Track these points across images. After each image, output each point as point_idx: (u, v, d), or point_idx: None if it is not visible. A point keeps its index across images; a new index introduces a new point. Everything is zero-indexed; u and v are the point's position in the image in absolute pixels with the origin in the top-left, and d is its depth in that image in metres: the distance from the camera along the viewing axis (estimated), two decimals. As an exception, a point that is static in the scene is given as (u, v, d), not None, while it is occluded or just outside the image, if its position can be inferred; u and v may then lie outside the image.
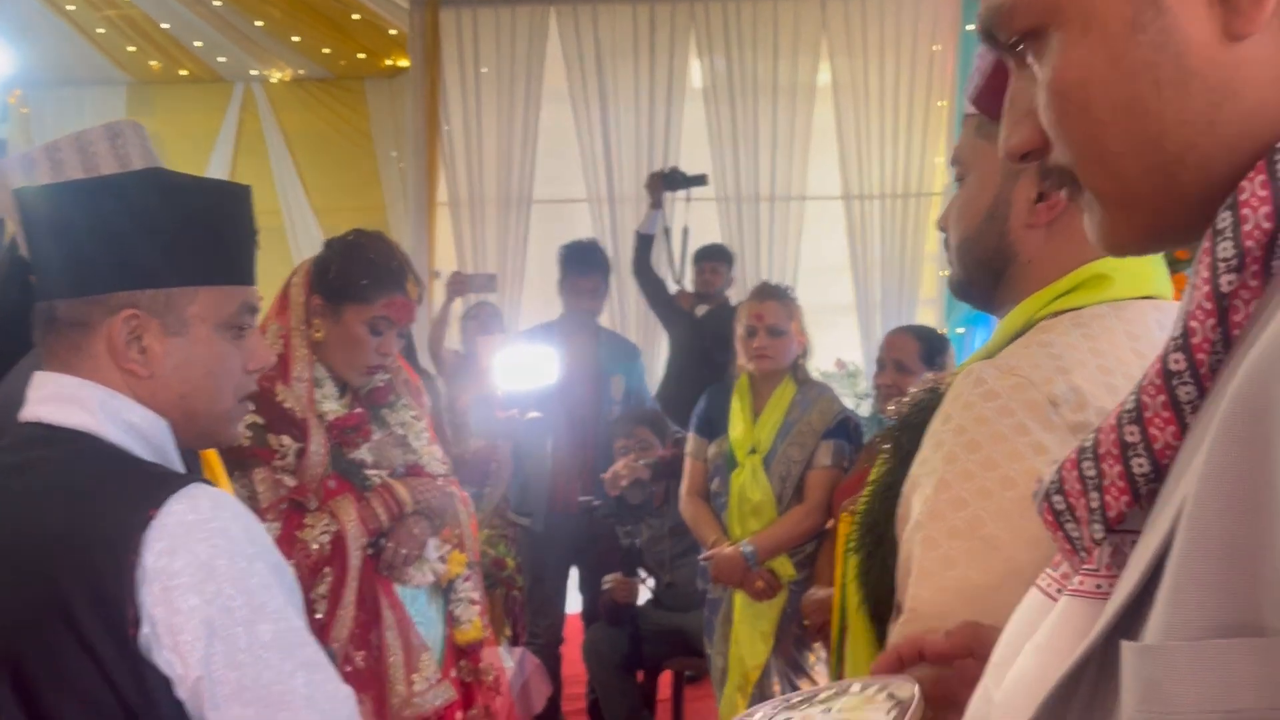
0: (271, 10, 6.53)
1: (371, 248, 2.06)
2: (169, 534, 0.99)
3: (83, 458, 1.07)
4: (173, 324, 1.11)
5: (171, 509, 1.01)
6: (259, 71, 7.16)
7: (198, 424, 1.16)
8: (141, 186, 1.13)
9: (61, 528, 1.02)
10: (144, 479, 1.06)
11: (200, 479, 1.09)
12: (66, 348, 1.10)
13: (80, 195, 1.12)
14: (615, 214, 5.85)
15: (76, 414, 1.08)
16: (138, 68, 7.17)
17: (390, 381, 2.15)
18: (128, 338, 1.09)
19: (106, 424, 1.08)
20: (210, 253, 1.14)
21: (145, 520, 1.00)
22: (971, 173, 1.07)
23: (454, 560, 2.09)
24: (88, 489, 1.04)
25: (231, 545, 1.02)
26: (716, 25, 5.79)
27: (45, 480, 1.07)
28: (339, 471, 1.97)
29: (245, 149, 7.11)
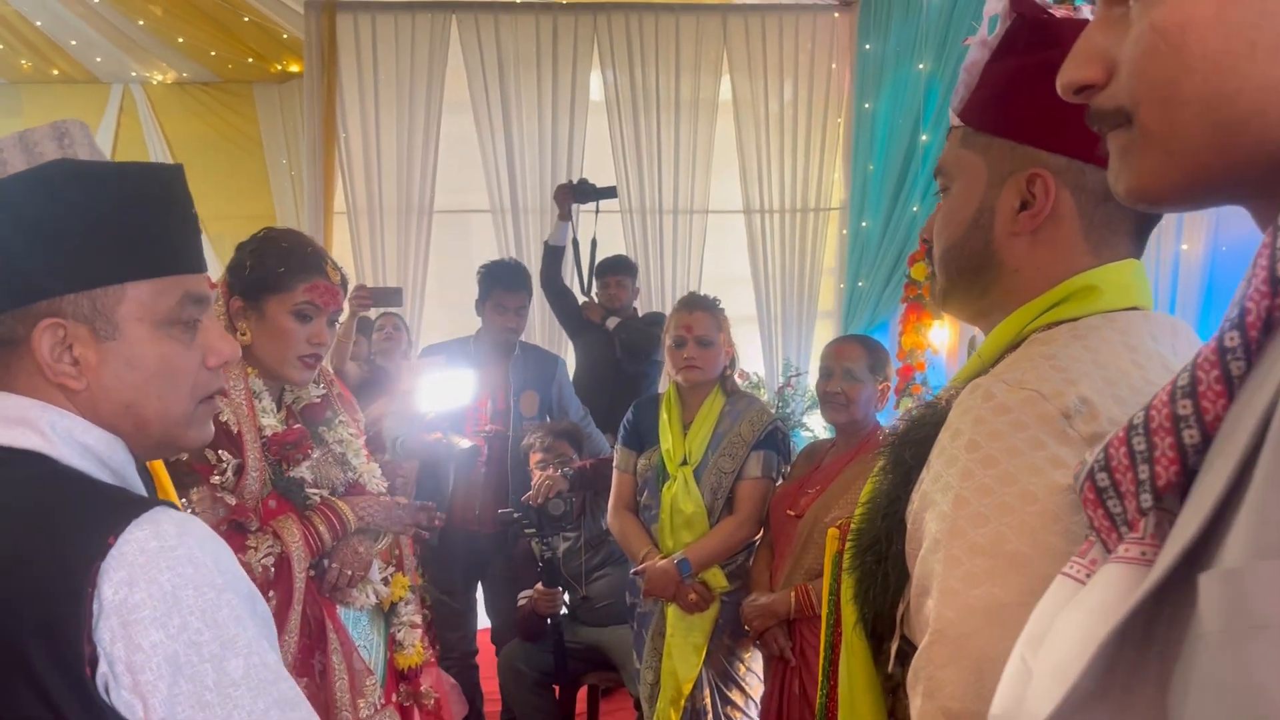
0: (154, 10, 6.26)
1: (284, 238, 2.02)
2: (129, 563, 0.91)
3: (36, 481, 0.98)
4: (104, 328, 1.02)
5: (132, 536, 0.92)
6: (139, 73, 6.85)
7: (152, 433, 1.07)
8: (47, 182, 1.02)
9: (11, 557, 0.93)
10: (102, 503, 0.97)
11: (164, 502, 1.00)
12: (2, 369, 1.02)
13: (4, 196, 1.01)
14: (519, 225, 5.80)
15: (27, 435, 1.00)
16: (6, 67, 6.78)
17: (326, 397, 2.08)
18: (55, 349, 1.00)
19: (59, 445, 1.00)
20: (133, 244, 1.03)
21: (103, 548, 0.91)
22: (955, 183, 1.09)
23: (397, 583, 2.02)
24: (41, 515, 0.95)
25: (198, 574, 0.94)
26: (619, 38, 5.82)
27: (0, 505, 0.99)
28: (279, 490, 1.88)
29: (123, 153, 6.78)
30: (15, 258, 1.00)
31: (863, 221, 5.50)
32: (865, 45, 5.49)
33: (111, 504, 0.97)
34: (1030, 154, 1.04)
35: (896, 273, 5.14)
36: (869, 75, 5.48)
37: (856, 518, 1.14)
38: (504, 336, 3.86)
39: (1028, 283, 1.06)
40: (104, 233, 1.02)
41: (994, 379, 0.99)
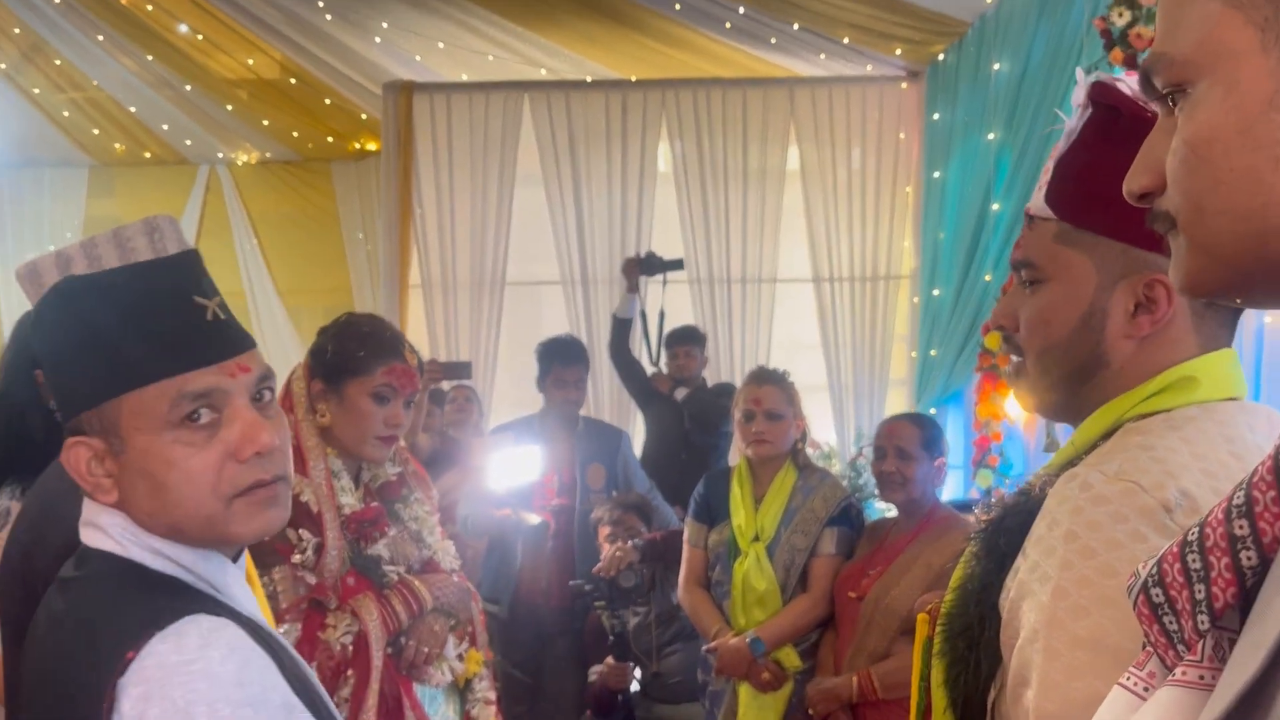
0: (241, 94, 6.55)
1: (364, 323, 2.09)
2: (146, 678, 0.91)
3: (99, 580, 1.02)
4: (115, 443, 1.02)
5: (153, 649, 0.92)
6: (225, 154, 7.14)
7: (191, 535, 1.04)
8: (55, 305, 1.03)
9: (54, 664, 0.98)
10: (135, 613, 0.96)
11: (202, 610, 0.97)
12: None
13: (38, 316, 1.06)
14: (589, 296, 5.88)
15: (101, 538, 1.03)
16: (101, 150, 7.12)
17: (401, 475, 2.11)
18: (90, 464, 1.02)
19: (130, 546, 1.02)
20: (120, 356, 1.01)
21: (124, 664, 0.91)
22: (1055, 281, 1.07)
23: (471, 659, 2.03)
24: (81, 623, 0.99)
25: (213, 689, 0.91)
26: (687, 111, 5.91)
27: (66, 601, 1.03)
28: (357, 568, 1.91)
29: (209, 231, 7.05)
30: (51, 374, 1.06)
31: (934, 290, 5.46)
32: (933, 115, 5.50)
33: (143, 614, 0.96)
34: (1144, 257, 1.03)
35: (970, 341, 5.07)
36: (938, 144, 5.48)
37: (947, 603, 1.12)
38: (566, 410, 3.91)
39: (1129, 378, 1.05)
40: (96, 349, 1.02)
41: (1091, 469, 0.98)
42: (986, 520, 1.08)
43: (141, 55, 6.32)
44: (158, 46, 6.26)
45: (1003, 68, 4.70)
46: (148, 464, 1.01)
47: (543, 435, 3.88)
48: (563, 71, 6.01)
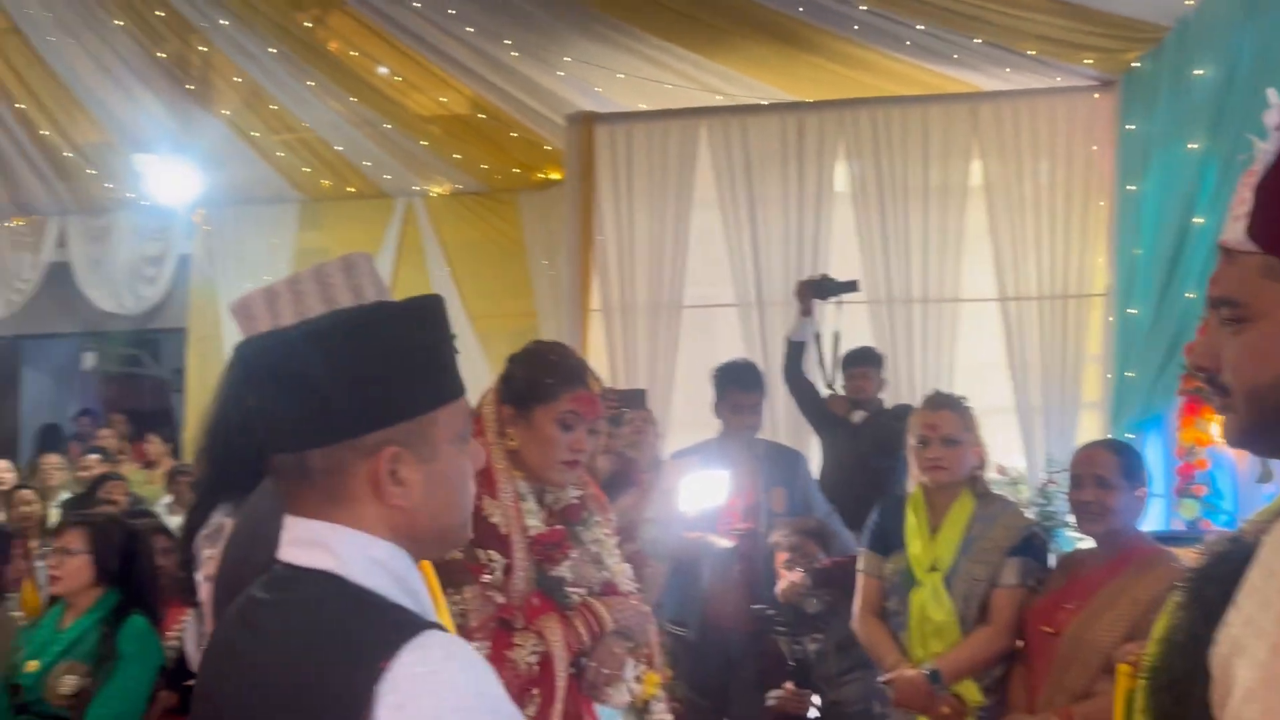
0: (434, 130, 6.93)
1: (551, 350, 2.18)
2: (399, 688, 0.97)
3: (324, 601, 1.07)
4: (424, 451, 1.11)
5: (403, 660, 0.99)
6: (420, 187, 7.57)
7: (445, 539, 1.18)
8: (378, 321, 1.12)
9: (300, 674, 1.02)
10: (380, 627, 1.04)
11: (432, 625, 1.07)
12: (321, 497, 1.11)
13: (316, 339, 1.10)
14: (764, 318, 5.88)
15: (321, 556, 1.09)
16: (310, 186, 7.68)
17: (582, 498, 2.19)
18: (390, 475, 1.10)
19: (351, 563, 1.08)
20: (439, 371, 1.15)
21: (378, 673, 0.98)
22: (1265, 320, 1.00)
23: (649, 681, 2.08)
24: (326, 635, 1.04)
25: (459, 699, 1.00)
26: (865, 131, 5.85)
27: (289, 622, 1.08)
28: (542, 589, 2.00)
29: (406, 260, 7.48)
30: (356, 390, 1.09)
31: (1131, 308, 5.18)
32: (1128, 125, 5.23)
33: (386, 628, 1.04)
34: None
35: (1170, 363, 4.78)
36: (1134, 156, 5.20)
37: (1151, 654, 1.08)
38: (744, 435, 3.92)
39: None
40: (422, 363, 1.13)
41: None
42: (1194, 569, 1.03)
43: (346, 97, 6.79)
44: (360, 89, 6.72)
45: (1206, 74, 4.44)
46: (448, 471, 1.13)
47: (723, 459, 3.90)
48: (738, 96, 6.06)
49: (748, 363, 4.13)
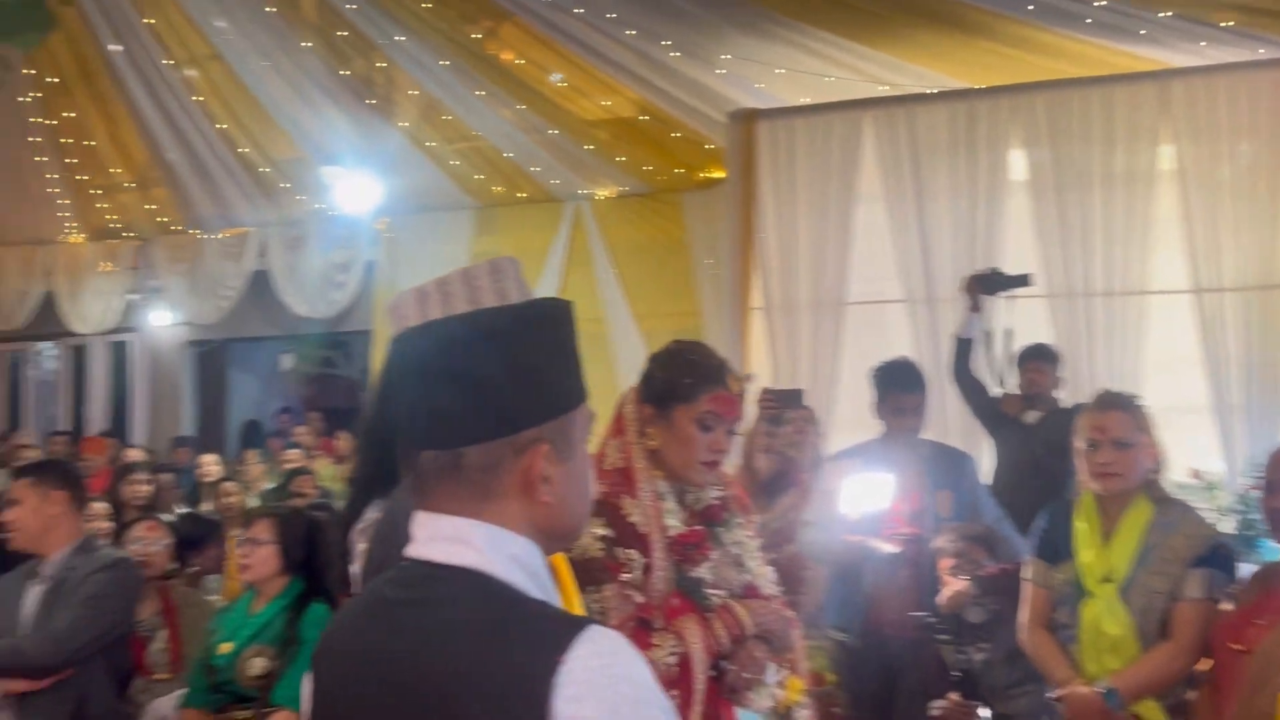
0: (600, 135, 7.05)
1: (690, 350, 2.17)
2: (576, 680, 1.00)
3: (480, 597, 1.09)
4: (564, 449, 1.13)
5: (578, 653, 1.01)
6: (586, 190, 7.71)
7: (572, 535, 1.20)
8: (528, 320, 1.14)
9: (470, 668, 1.03)
10: (547, 621, 1.07)
11: (593, 621, 1.08)
12: (469, 493, 1.12)
13: (480, 335, 1.12)
14: (933, 314, 5.68)
15: (464, 553, 1.10)
16: (484, 193, 7.97)
17: (723, 499, 2.18)
18: (542, 469, 1.12)
19: (494, 560, 1.10)
20: (578, 371, 1.18)
21: (555, 665, 1.00)
22: None
23: (792, 686, 2.05)
24: (494, 630, 1.05)
25: (634, 691, 1.02)
26: (1041, 116, 5.57)
27: (445, 618, 1.08)
28: (681, 589, 2.00)
29: (574, 262, 7.64)
30: (507, 389, 1.11)
31: (1346, 299, 4.73)
32: (1342, 98, 4.78)
33: (554, 622, 1.07)
34: None
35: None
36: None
37: None
38: (906, 436, 3.80)
39: None
40: (565, 364, 1.16)
41: None
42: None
43: (515, 105, 7.01)
44: (528, 96, 6.92)
45: None
46: (582, 468, 1.17)
47: (885, 461, 3.80)
48: (904, 86, 5.89)
49: (907, 362, 4.00)
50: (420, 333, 1.15)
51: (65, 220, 9.23)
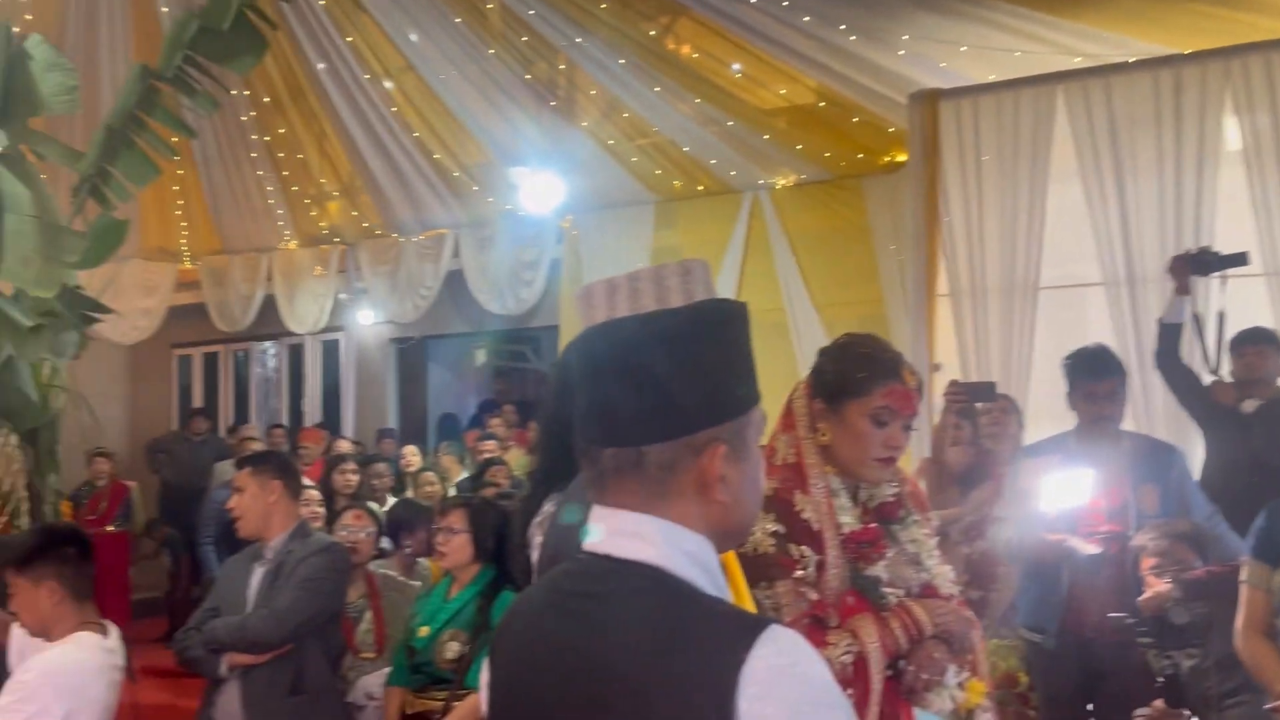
0: (778, 124, 6.99)
1: (863, 344, 2.11)
2: (759, 679, 1.01)
3: (659, 592, 1.10)
4: (740, 450, 1.15)
5: (759, 653, 1.02)
6: (765, 180, 7.67)
7: (741, 537, 1.22)
8: (710, 321, 1.16)
9: (652, 663, 1.05)
10: (729, 619, 1.08)
11: (773, 620, 1.10)
12: (648, 491, 1.13)
13: (666, 335, 1.13)
14: (1135, 297, 5.34)
15: (642, 548, 1.12)
16: (663, 187, 8.05)
17: (899, 496, 2.14)
18: (721, 468, 1.13)
19: (670, 556, 1.11)
20: (752, 374, 1.19)
21: (738, 664, 1.01)
22: None
23: (973, 689, 1.99)
24: (675, 627, 1.06)
25: (815, 692, 1.03)
26: (1259, 80, 5.12)
27: (624, 612, 1.10)
28: (856, 588, 1.98)
29: (753, 253, 7.61)
30: (688, 391, 1.13)
31: None
32: None
33: (736, 620, 1.09)
34: None
35: None
36: None
37: None
38: (1102, 426, 3.59)
39: None
40: (743, 365, 1.18)
41: None
42: None
43: (691, 99, 7.05)
44: (705, 89, 6.94)
45: None
46: (756, 469, 1.18)
47: (1079, 454, 3.62)
48: (1101, 56, 5.55)
49: (1100, 347, 3.78)
50: (604, 332, 1.17)
51: (282, 229, 9.95)
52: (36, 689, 2.61)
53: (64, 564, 2.75)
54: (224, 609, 3.51)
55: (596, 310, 1.20)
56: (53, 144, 4.82)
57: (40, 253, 4.36)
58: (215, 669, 3.41)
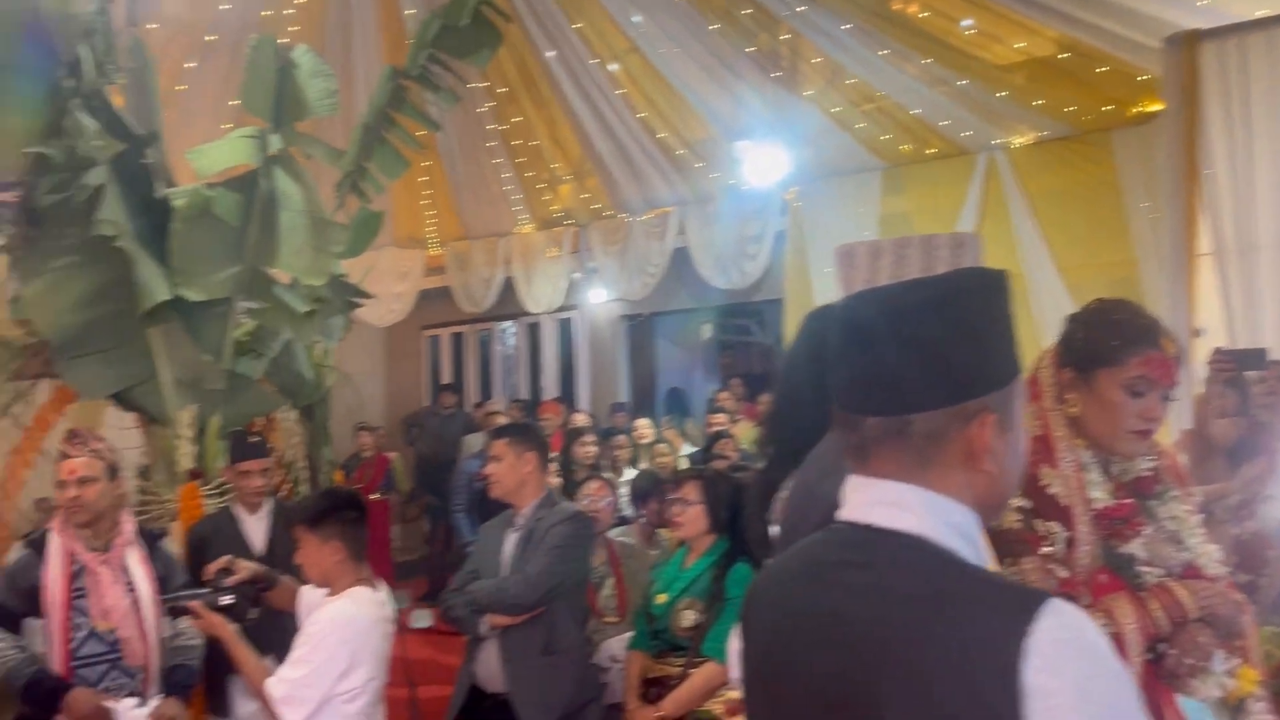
0: (1015, 79, 6.64)
1: (1116, 309, 1.99)
2: (1042, 652, 0.98)
3: (929, 563, 1.09)
4: (1007, 420, 1.13)
5: (1043, 625, 0.99)
6: (1001, 139, 7.31)
7: (1001, 509, 1.18)
8: (982, 288, 1.14)
9: (930, 634, 1.03)
10: (1008, 592, 1.07)
11: (1054, 594, 1.05)
12: (912, 460, 1.12)
13: (938, 303, 1.12)
14: None
15: (904, 518, 1.11)
16: (890, 153, 7.82)
17: (1156, 470, 2.01)
18: (990, 438, 1.11)
19: (935, 527, 1.10)
20: (1015, 342, 1.16)
21: (1022, 635, 0.99)
22: None
23: (1244, 676, 1.86)
24: (952, 598, 1.04)
25: (1102, 666, 1.00)
26: None
27: (893, 582, 1.08)
28: (1109, 566, 1.89)
29: (989, 216, 7.28)
30: (960, 358, 1.11)
31: None
32: None
33: (1015, 593, 1.07)
34: None
35: None
36: None
37: None
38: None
39: None
40: (1010, 333, 1.15)
41: None
42: None
43: (920, 60, 6.80)
44: (934, 49, 6.68)
45: None
46: (1021, 441, 1.16)
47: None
48: (1398, -22, 4.92)
49: None
50: (870, 298, 1.16)
51: (518, 213, 10.43)
52: (322, 639, 2.90)
53: (346, 525, 3.04)
54: (482, 572, 3.76)
55: (856, 271, 1.18)
56: (318, 144, 5.25)
57: (311, 244, 4.79)
58: (476, 628, 3.67)
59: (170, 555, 3.65)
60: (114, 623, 3.32)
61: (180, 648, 3.51)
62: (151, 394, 4.47)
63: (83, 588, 3.33)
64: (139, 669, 3.38)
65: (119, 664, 3.35)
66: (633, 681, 3.61)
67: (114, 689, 3.31)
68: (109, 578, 3.35)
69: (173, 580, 3.55)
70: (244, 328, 4.83)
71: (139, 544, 3.48)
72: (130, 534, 3.47)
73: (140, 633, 3.37)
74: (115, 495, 3.43)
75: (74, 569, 3.34)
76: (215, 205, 4.53)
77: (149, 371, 4.45)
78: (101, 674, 3.32)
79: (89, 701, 3.19)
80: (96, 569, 3.34)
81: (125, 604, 3.35)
